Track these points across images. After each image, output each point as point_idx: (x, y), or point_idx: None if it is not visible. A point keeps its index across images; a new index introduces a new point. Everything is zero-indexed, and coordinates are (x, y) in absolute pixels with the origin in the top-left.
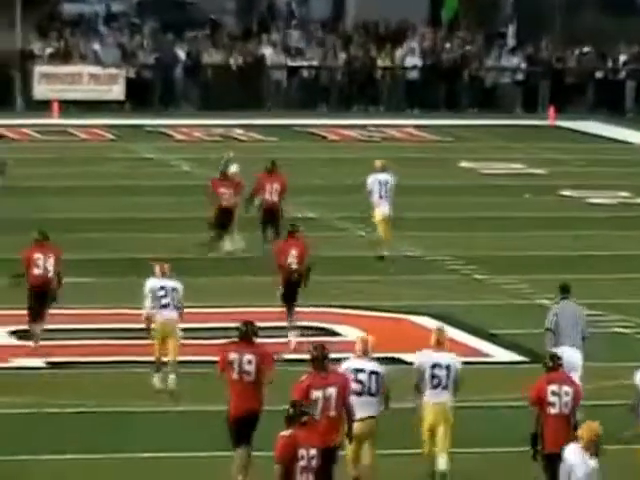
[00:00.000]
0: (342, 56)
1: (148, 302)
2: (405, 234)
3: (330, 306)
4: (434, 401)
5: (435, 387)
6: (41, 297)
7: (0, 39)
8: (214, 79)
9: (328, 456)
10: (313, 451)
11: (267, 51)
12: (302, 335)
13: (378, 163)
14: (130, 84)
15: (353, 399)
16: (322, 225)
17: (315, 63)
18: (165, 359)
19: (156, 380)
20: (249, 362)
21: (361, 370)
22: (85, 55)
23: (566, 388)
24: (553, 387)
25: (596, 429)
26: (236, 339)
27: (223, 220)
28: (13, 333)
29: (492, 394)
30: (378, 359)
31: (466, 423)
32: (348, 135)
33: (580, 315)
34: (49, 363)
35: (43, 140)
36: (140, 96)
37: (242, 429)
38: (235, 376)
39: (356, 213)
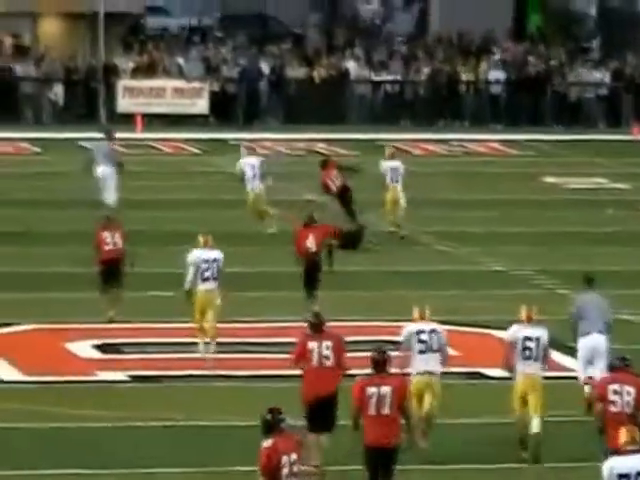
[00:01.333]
0: (425, 70)
1: (190, 273)
2: (489, 249)
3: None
4: (526, 372)
5: (527, 359)
6: (114, 271)
7: (84, 53)
8: (297, 93)
9: (387, 456)
10: (294, 456)
11: (351, 65)
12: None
13: (388, 151)
14: (214, 98)
15: (417, 356)
16: (406, 239)
17: (399, 77)
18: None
19: (201, 348)
20: (327, 348)
21: (422, 331)
22: (169, 69)
23: (628, 388)
24: (615, 386)
25: None
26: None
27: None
28: (97, 347)
29: (576, 409)
30: (463, 373)
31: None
32: (432, 150)
33: (604, 304)
34: (133, 377)
35: (127, 154)
36: (224, 110)
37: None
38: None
39: (441, 227)
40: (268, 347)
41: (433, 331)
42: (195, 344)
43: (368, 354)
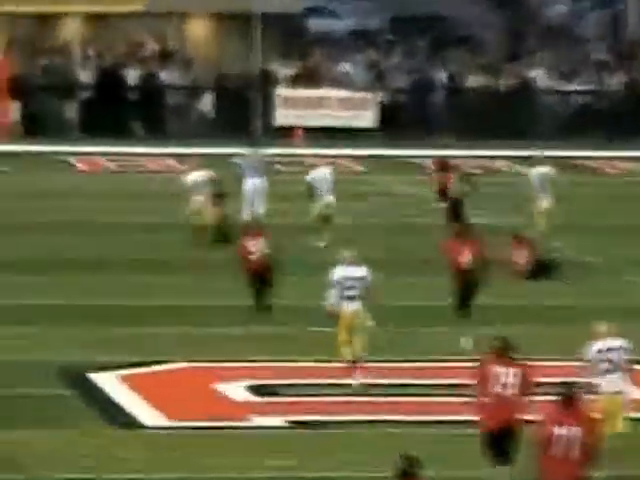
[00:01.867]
0: (621, 79)
1: (334, 293)
2: None
3: None
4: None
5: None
6: (262, 280)
7: (238, 60)
8: (476, 105)
9: None
10: None
11: (537, 73)
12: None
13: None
14: (382, 110)
15: (606, 377)
16: (599, 269)
17: (591, 87)
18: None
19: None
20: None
21: (610, 349)
22: (333, 77)
23: None
24: None
25: None
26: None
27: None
28: (251, 388)
29: None
30: None
31: None
32: (629, 168)
33: None
34: (292, 422)
35: (283, 171)
36: (393, 123)
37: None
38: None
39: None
40: (431, 389)
41: (620, 348)
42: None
43: (555, 398)
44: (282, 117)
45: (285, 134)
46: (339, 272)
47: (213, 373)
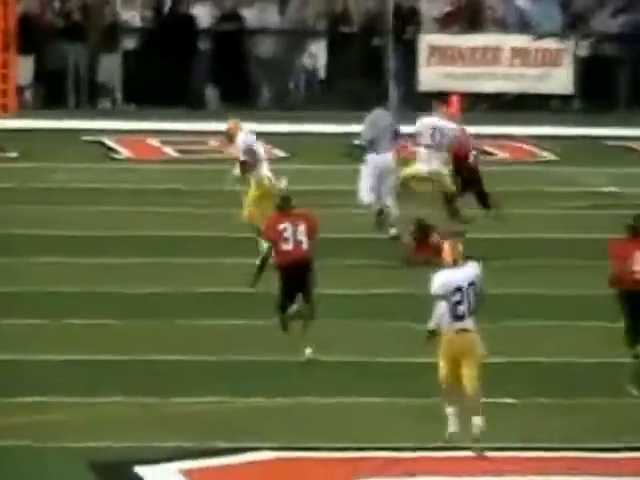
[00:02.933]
0: None
1: (439, 308)
2: None
3: None
4: None
5: None
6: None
7: None
8: None
9: None
10: None
11: None
12: None
13: None
14: (582, 68)
15: None
16: None
17: None
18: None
19: (451, 423)
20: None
21: None
22: (503, 17)
23: None
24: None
25: None
26: None
27: None
28: None
29: None
30: None
31: None
32: None
33: None
34: None
35: None
36: (599, 88)
37: None
38: None
39: None
40: None
41: None
42: None
43: None
44: (430, 78)
45: (434, 103)
46: (443, 278)
47: (321, 466)
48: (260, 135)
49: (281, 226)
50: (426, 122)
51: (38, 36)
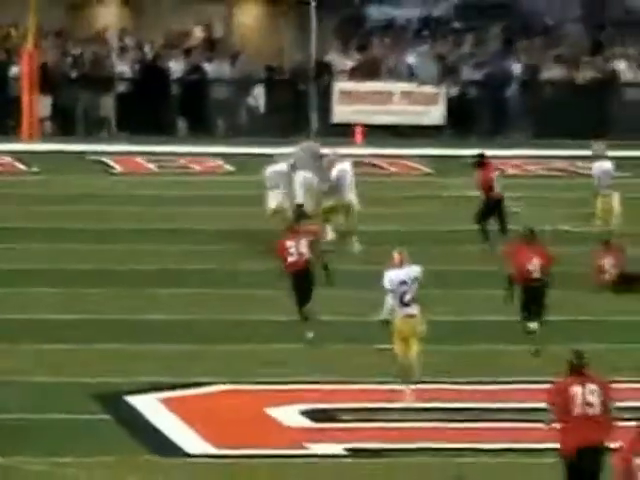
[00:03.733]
0: None
1: (389, 299)
2: None
3: None
4: None
5: None
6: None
7: (292, 49)
8: (553, 99)
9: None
10: None
11: (621, 66)
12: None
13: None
14: (451, 105)
15: None
16: None
17: None
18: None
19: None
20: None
21: None
22: (395, 69)
23: None
24: None
25: None
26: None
27: None
28: (306, 413)
29: None
30: None
31: None
32: None
33: None
34: (351, 450)
35: None
36: (463, 120)
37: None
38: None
39: None
40: (501, 413)
41: None
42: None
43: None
44: (341, 113)
45: (344, 132)
46: (391, 275)
47: (262, 396)
48: (216, 155)
49: (287, 243)
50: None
51: (55, 81)
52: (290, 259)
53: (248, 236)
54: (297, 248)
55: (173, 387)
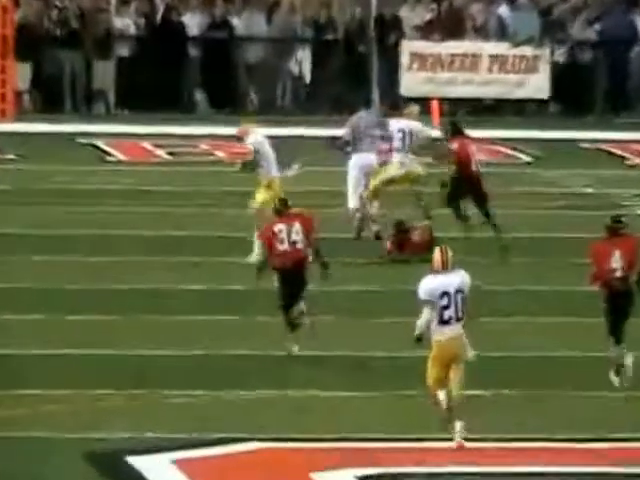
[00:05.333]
0: None
1: (426, 314)
2: None
3: None
4: None
5: None
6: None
7: (347, 2)
8: None
9: None
10: None
11: None
12: None
13: None
14: (557, 73)
15: None
16: None
17: None
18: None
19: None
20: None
21: None
22: (485, 26)
23: None
24: None
25: None
26: None
27: None
28: None
29: None
30: None
31: None
32: None
33: None
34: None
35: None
36: (573, 93)
37: None
38: None
39: None
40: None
41: None
42: None
43: None
44: (411, 83)
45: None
46: (429, 284)
47: (306, 456)
48: None
49: (276, 228)
50: (394, 126)
51: (36, 43)
52: (279, 248)
53: None
54: (289, 235)
55: (189, 445)
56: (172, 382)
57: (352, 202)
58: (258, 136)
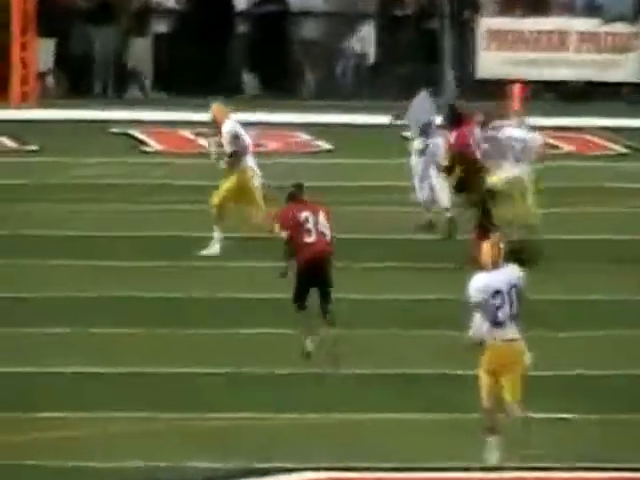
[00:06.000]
0: None
1: (476, 318)
2: None
3: None
4: None
5: None
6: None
7: None
8: None
9: None
10: None
11: None
12: None
13: None
14: None
15: None
16: None
17: None
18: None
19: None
20: None
21: None
22: (572, 1)
23: None
24: None
25: None
26: None
27: None
28: None
29: None
30: None
31: None
32: None
33: None
34: None
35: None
36: None
37: None
38: None
39: None
40: None
41: None
42: None
43: None
44: (489, 64)
45: (494, 91)
46: (481, 281)
47: None
48: (302, 125)
49: (302, 215)
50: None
51: (61, 17)
52: (306, 239)
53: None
54: (316, 225)
55: (230, 476)
56: (205, 402)
57: (420, 194)
58: (234, 122)
